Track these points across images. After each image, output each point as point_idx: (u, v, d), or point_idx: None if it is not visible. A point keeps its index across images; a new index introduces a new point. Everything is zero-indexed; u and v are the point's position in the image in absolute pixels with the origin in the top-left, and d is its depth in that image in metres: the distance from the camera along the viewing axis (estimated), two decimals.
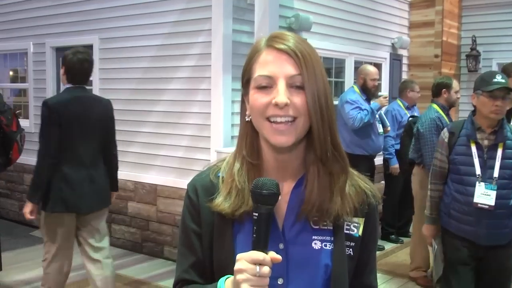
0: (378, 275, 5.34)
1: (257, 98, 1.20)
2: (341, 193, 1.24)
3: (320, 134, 1.20)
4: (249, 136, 1.28)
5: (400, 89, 6.79)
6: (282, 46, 1.19)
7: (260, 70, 1.21)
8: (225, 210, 1.24)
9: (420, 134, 4.83)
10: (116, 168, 4.09)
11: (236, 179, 1.25)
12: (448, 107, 5.07)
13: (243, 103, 1.30)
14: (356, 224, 1.28)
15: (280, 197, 1.16)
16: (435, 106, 5.01)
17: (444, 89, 5.05)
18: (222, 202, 1.25)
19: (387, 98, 5.94)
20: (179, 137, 5.59)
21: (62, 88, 3.98)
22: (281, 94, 1.16)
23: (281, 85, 1.17)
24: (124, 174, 6.10)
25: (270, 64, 1.19)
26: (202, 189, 1.30)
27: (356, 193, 1.28)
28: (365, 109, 5.74)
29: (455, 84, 5.17)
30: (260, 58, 1.22)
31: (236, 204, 1.23)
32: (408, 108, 6.53)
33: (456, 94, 5.20)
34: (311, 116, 1.19)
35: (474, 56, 8.24)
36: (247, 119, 1.27)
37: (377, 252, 5.88)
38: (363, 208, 1.29)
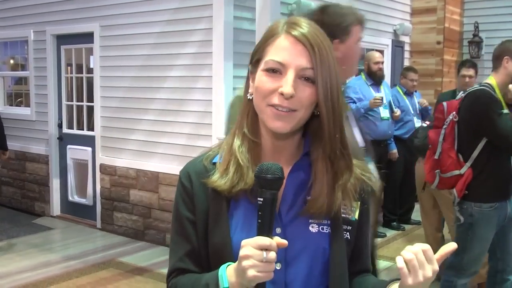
0: (380, 261, 5.32)
1: (264, 82, 1.20)
2: (343, 189, 1.24)
3: (331, 132, 1.20)
4: (251, 114, 1.27)
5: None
6: (300, 36, 1.18)
7: (273, 54, 1.19)
8: (221, 187, 1.22)
9: None
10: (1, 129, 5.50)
11: (238, 155, 1.24)
12: None
13: (247, 80, 1.29)
14: (353, 208, 1.28)
15: None
16: None
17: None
18: (218, 179, 1.23)
19: (380, 102, 5.78)
20: (181, 125, 5.58)
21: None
22: (288, 85, 1.15)
23: (290, 75, 1.16)
24: (126, 161, 6.11)
25: (284, 51, 1.18)
26: (196, 175, 1.29)
27: (355, 182, 1.28)
28: (354, 103, 5.79)
29: None
30: (276, 41, 1.21)
31: (234, 180, 1.22)
32: (406, 94, 6.54)
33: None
34: (322, 113, 1.19)
35: (476, 43, 8.18)
36: (249, 97, 1.26)
37: (379, 239, 5.90)
38: (360, 193, 1.29)
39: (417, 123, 6.52)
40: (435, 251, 1.10)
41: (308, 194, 1.25)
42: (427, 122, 4.85)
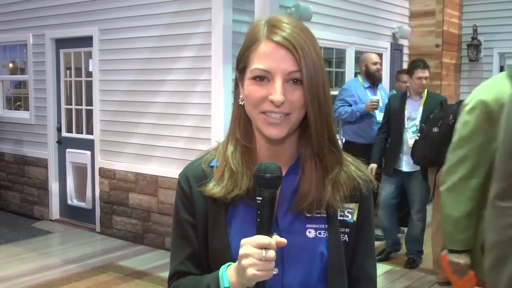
0: (378, 264, 5.30)
1: (253, 91, 1.19)
2: (333, 183, 1.24)
3: (318, 130, 1.20)
4: (243, 120, 1.27)
5: None
6: (281, 40, 1.16)
7: (257, 63, 1.18)
8: (217, 194, 1.23)
9: None
10: None
11: (230, 162, 1.24)
12: None
13: (236, 86, 1.28)
14: (350, 210, 1.27)
15: None
16: None
17: None
18: (214, 186, 1.24)
19: (376, 105, 5.77)
20: (180, 128, 5.58)
21: None
22: (277, 93, 1.15)
23: (278, 82, 1.16)
24: (125, 165, 6.11)
25: (268, 58, 1.17)
26: (194, 179, 1.29)
27: (348, 179, 1.26)
28: (349, 106, 5.79)
29: None
30: (258, 49, 1.19)
31: (229, 187, 1.22)
32: None
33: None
34: (309, 112, 1.18)
35: (475, 46, 8.20)
36: (240, 103, 1.26)
37: (378, 242, 5.90)
38: (355, 194, 1.27)
39: None
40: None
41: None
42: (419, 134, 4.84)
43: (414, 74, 5.11)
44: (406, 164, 5.17)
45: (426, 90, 5.18)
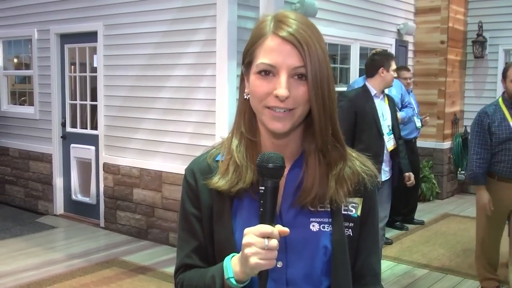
0: (383, 261, 5.30)
1: (258, 85, 1.20)
2: (337, 178, 1.25)
3: (321, 126, 1.20)
4: (248, 113, 1.28)
5: None
6: (287, 36, 1.17)
7: (263, 58, 1.19)
8: (221, 187, 1.24)
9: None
10: None
11: (235, 155, 1.26)
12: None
13: (242, 80, 1.30)
14: (354, 205, 1.28)
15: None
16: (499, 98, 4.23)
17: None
18: (219, 179, 1.25)
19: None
20: (184, 124, 5.58)
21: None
22: (282, 87, 1.16)
23: (283, 77, 1.17)
24: (129, 160, 6.12)
25: (273, 52, 1.18)
26: (200, 173, 1.30)
27: (353, 174, 1.27)
28: None
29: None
30: (264, 43, 1.20)
31: (233, 180, 1.23)
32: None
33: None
34: (313, 108, 1.19)
35: (480, 42, 8.17)
36: (245, 97, 1.27)
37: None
38: (359, 189, 1.28)
39: (418, 123, 6.50)
40: None
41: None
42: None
43: (392, 66, 4.47)
44: (382, 172, 4.42)
45: None
